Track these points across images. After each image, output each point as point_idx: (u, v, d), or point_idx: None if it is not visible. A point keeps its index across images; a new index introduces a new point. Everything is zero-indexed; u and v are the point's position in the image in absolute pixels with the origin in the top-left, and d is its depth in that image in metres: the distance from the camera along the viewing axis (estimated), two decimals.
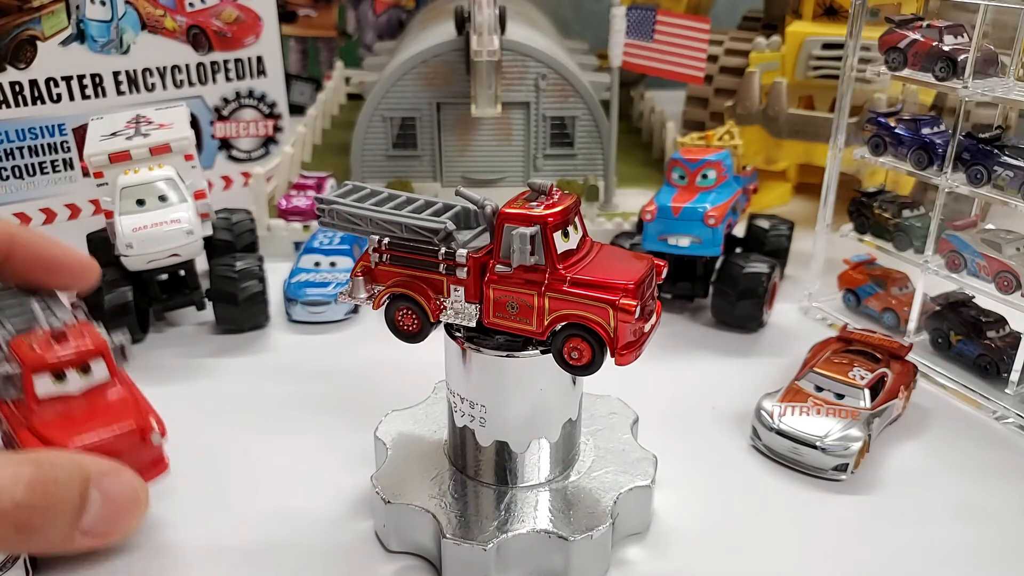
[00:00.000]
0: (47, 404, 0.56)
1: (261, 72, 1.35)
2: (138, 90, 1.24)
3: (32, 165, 1.19)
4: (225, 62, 1.31)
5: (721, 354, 0.88)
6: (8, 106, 1.14)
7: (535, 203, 0.53)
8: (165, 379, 0.83)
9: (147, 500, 0.51)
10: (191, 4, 1.26)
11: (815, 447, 0.68)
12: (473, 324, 0.55)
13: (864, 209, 0.92)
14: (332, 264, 0.98)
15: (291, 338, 0.91)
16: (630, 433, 0.67)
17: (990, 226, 0.83)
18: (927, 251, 0.84)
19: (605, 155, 1.19)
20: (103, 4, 1.18)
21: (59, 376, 0.56)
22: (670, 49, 1.11)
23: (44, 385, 0.56)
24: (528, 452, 0.59)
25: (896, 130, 0.85)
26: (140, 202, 0.83)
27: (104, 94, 1.21)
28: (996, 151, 0.77)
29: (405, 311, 0.57)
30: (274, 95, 1.38)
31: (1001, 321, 0.83)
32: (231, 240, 0.97)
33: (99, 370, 0.58)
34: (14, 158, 1.17)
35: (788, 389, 0.74)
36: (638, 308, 0.51)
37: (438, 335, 0.58)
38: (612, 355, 0.53)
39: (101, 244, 0.93)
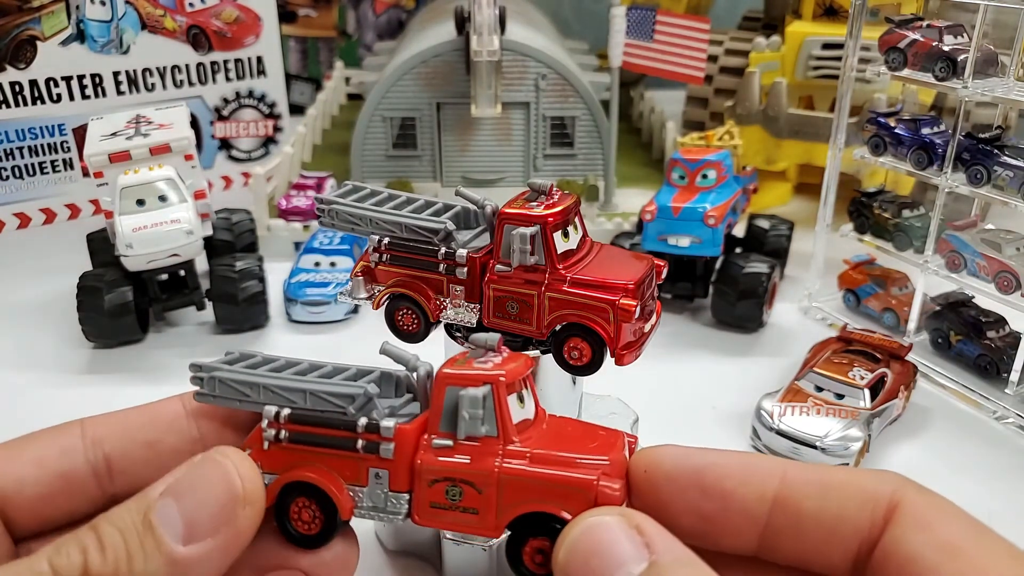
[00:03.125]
0: None
1: (261, 72, 1.35)
2: (138, 90, 1.24)
3: (32, 165, 1.19)
4: (225, 62, 1.31)
5: (721, 354, 0.88)
6: (8, 106, 1.14)
7: (535, 203, 0.53)
8: (165, 379, 0.82)
9: (252, 479, 0.41)
10: (191, 4, 1.26)
11: (815, 447, 0.68)
12: (473, 324, 0.55)
13: (864, 209, 0.92)
14: (332, 264, 0.98)
15: (291, 338, 0.91)
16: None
17: (990, 226, 0.83)
18: (927, 251, 0.84)
19: (605, 155, 1.19)
20: (103, 4, 1.18)
21: None
22: (670, 49, 1.11)
23: None
24: None
25: (896, 130, 0.85)
26: (140, 202, 0.83)
27: (104, 94, 1.21)
28: (996, 151, 0.77)
29: (405, 311, 0.57)
30: (274, 95, 1.38)
31: (1001, 321, 0.83)
32: (231, 240, 0.97)
33: None
34: (14, 158, 1.17)
35: (788, 389, 0.74)
36: (638, 308, 0.51)
37: (438, 335, 0.58)
38: (612, 355, 0.53)
39: (101, 244, 0.93)
